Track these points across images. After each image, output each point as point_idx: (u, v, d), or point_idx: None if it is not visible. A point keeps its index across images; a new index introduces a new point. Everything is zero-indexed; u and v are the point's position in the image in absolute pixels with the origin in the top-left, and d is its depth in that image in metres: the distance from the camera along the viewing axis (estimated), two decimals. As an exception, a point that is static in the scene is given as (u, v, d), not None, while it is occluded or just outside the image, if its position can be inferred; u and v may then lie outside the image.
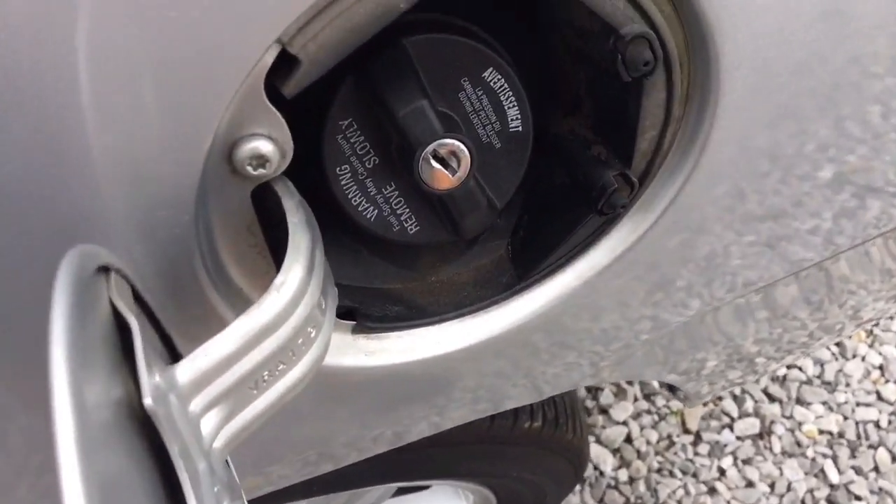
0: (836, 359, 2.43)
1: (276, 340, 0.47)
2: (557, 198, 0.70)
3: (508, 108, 0.61)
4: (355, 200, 0.62)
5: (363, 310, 0.66)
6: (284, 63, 0.47)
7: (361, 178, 0.61)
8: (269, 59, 0.46)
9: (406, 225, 0.64)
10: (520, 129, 0.63)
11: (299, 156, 0.62)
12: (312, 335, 0.51)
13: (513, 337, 0.72)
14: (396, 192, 0.63)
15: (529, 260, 0.70)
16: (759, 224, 0.73)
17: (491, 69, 0.60)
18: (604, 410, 2.34)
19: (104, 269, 0.41)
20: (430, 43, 0.57)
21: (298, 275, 0.48)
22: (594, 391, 2.34)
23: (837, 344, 2.43)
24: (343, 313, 0.66)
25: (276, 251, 0.58)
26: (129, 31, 0.41)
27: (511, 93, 0.61)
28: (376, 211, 0.63)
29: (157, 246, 0.49)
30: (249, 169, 0.49)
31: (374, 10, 0.47)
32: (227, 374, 0.45)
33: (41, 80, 0.41)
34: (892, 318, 2.44)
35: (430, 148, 0.57)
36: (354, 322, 0.67)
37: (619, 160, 0.64)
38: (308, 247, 0.50)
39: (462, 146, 0.58)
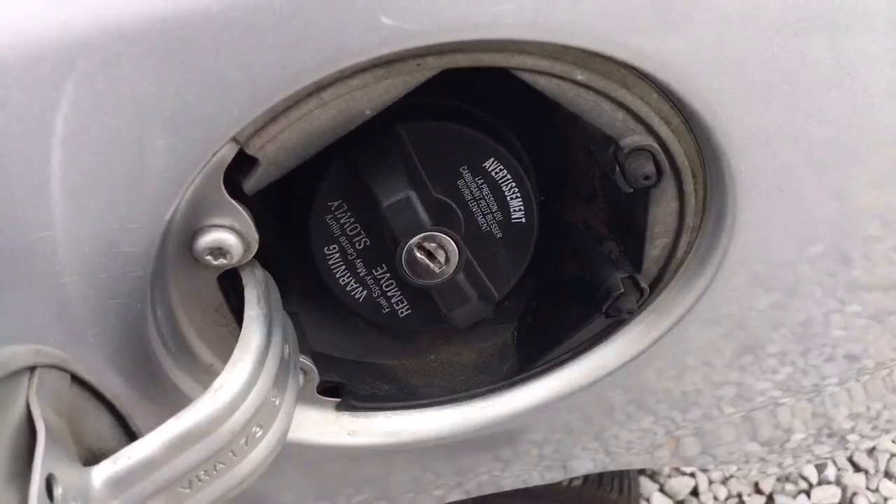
0: (935, 433, 2.23)
1: (209, 444, 0.45)
2: (567, 289, 0.66)
3: (511, 198, 0.58)
4: (343, 280, 0.60)
5: (350, 387, 0.64)
6: (245, 160, 0.45)
7: (351, 259, 0.59)
8: (228, 155, 0.44)
9: (397, 308, 0.62)
10: (523, 220, 0.59)
11: (296, 221, 0.60)
12: (259, 435, 0.49)
13: (507, 427, 0.69)
14: (388, 275, 0.60)
15: (533, 351, 0.66)
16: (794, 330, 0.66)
17: (493, 159, 0.56)
18: (671, 459, 2.23)
19: (30, 369, 0.41)
20: (425, 130, 0.55)
21: (242, 377, 0.46)
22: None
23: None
24: (327, 389, 0.64)
25: None
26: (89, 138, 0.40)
27: (514, 183, 0.57)
28: (365, 292, 0.61)
29: (111, 330, 0.48)
30: (210, 259, 0.48)
31: (337, 116, 0.44)
32: (155, 475, 0.44)
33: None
34: None
35: (414, 240, 0.55)
36: (339, 399, 0.65)
37: (629, 262, 0.59)
38: (259, 344, 0.48)
39: (450, 241, 0.55)
